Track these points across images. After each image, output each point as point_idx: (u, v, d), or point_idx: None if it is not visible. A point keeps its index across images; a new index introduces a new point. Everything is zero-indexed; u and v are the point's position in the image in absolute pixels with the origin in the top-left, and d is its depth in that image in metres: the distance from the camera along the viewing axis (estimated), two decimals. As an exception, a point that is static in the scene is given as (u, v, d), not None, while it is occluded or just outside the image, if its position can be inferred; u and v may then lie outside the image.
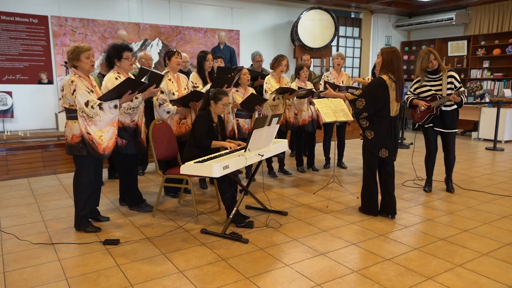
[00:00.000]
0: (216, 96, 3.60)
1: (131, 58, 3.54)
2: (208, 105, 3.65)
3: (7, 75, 6.35)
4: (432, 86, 4.20)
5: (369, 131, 3.50)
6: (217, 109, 3.62)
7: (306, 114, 5.11)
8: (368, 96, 3.43)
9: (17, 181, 5.03)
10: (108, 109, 3.06)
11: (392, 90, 3.39)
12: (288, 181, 5.00)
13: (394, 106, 3.44)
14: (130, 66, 3.57)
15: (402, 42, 11.43)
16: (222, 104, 3.60)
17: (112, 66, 3.53)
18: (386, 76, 3.40)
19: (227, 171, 2.89)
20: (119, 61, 3.50)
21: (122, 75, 3.54)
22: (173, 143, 3.83)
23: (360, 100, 3.45)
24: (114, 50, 3.45)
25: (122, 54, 3.47)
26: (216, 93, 3.62)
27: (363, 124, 3.53)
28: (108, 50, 3.48)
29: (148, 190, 4.61)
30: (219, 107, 3.60)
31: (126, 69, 3.57)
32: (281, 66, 4.88)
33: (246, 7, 8.62)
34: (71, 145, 3.11)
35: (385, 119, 3.44)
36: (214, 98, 3.60)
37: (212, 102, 3.61)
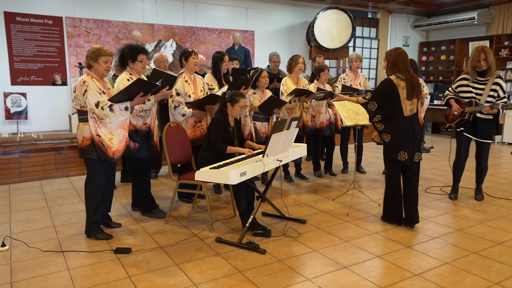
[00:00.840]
0: (233, 98, 3.45)
1: (145, 62, 3.42)
2: (224, 108, 3.50)
3: (21, 77, 6.33)
4: (475, 88, 3.94)
5: (385, 133, 3.32)
6: (234, 112, 3.47)
7: (324, 116, 4.92)
8: (377, 98, 3.31)
9: (30, 183, 4.96)
10: (119, 111, 2.93)
11: (402, 89, 3.23)
12: (305, 186, 4.81)
13: (407, 105, 3.26)
14: (143, 69, 3.45)
15: (420, 42, 11.13)
16: (239, 106, 3.44)
17: (124, 66, 3.41)
18: (394, 76, 3.28)
19: (244, 177, 2.73)
20: (133, 63, 3.38)
21: (134, 77, 3.42)
22: (187, 147, 3.69)
23: (371, 103, 3.33)
24: (129, 50, 3.33)
25: (137, 56, 3.35)
26: (233, 95, 3.47)
27: (379, 127, 3.36)
28: (123, 50, 3.36)
29: (161, 194, 4.48)
30: (236, 110, 3.45)
31: (139, 72, 3.45)
32: (298, 64, 4.70)
33: (261, 7, 8.48)
34: (82, 148, 3.00)
35: (400, 119, 3.26)
36: (231, 101, 3.45)
37: (229, 105, 3.46)
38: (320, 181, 5.03)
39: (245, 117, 4.45)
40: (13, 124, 6.33)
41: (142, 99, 3.06)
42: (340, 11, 8.08)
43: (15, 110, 6.28)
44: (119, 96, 2.96)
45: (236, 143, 3.54)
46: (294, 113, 4.74)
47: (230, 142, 3.46)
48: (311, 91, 4.58)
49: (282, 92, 4.73)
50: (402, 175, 3.42)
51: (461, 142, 4.09)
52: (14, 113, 6.27)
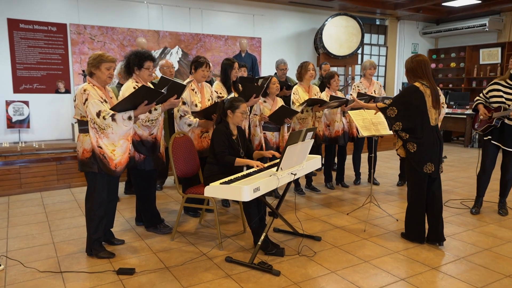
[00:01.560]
0: (232, 105, 3.27)
1: (152, 69, 3.24)
2: (224, 116, 3.31)
3: (24, 84, 6.18)
4: (506, 93, 3.73)
5: (411, 143, 3.09)
6: (235, 119, 3.28)
7: (339, 125, 4.72)
8: (399, 104, 3.08)
9: (30, 195, 4.78)
10: (122, 121, 2.75)
11: (428, 97, 3.03)
12: (317, 199, 4.59)
13: (433, 114, 3.06)
14: (149, 77, 3.27)
15: (429, 49, 10.95)
16: (240, 112, 3.26)
17: (130, 74, 3.24)
18: (419, 83, 3.06)
19: (257, 194, 2.52)
20: (139, 70, 3.21)
21: (140, 85, 3.24)
22: (194, 159, 3.49)
23: (391, 108, 3.09)
24: (136, 57, 3.16)
25: (143, 63, 3.17)
26: (232, 101, 3.31)
27: (404, 136, 3.13)
28: (129, 56, 3.19)
29: (166, 207, 4.28)
30: (237, 116, 3.26)
31: (145, 80, 3.28)
32: (309, 71, 4.51)
33: (268, 14, 8.33)
34: (82, 161, 2.81)
35: (427, 129, 3.05)
36: (230, 107, 3.28)
37: (229, 112, 3.28)
38: (332, 194, 4.81)
39: (255, 127, 4.25)
40: (15, 133, 6.18)
41: (146, 108, 2.87)
42: (349, 17, 7.92)
43: (17, 119, 6.13)
44: (122, 104, 2.78)
45: (242, 152, 3.34)
46: (306, 124, 4.54)
47: (236, 153, 3.26)
48: (325, 100, 4.37)
49: (293, 101, 4.53)
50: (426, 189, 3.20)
51: (488, 152, 3.86)
52: (16, 121, 6.12)
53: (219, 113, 3.32)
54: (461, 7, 9.04)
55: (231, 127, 3.30)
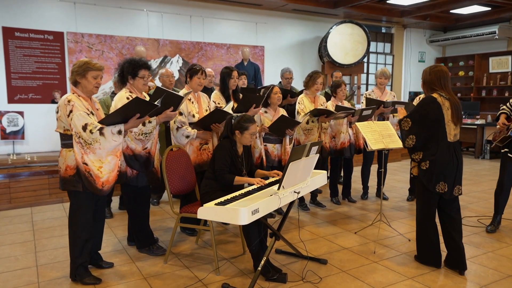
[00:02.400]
0: (241, 125, 3.00)
1: (147, 78, 3.02)
2: (231, 135, 3.06)
3: (19, 94, 5.99)
4: None
5: (425, 161, 2.82)
6: (243, 140, 3.03)
7: (345, 136, 4.46)
8: (414, 116, 2.81)
9: (20, 211, 4.54)
10: (111, 135, 2.51)
11: (447, 109, 2.75)
12: (322, 215, 4.31)
13: (451, 128, 2.78)
14: (144, 86, 3.05)
15: (436, 58, 10.69)
16: (250, 134, 3.00)
17: (124, 83, 3.02)
18: (436, 94, 2.79)
19: (256, 216, 2.26)
20: (133, 79, 2.99)
21: (134, 95, 3.02)
22: (190, 175, 3.24)
23: (405, 120, 2.83)
24: (130, 65, 2.94)
25: (137, 72, 2.96)
26: (241, 121, 3.02)
27: (416, 159, 2.85)
28: (123, 65, 2.97)
29: (162, 224, 4.02)
30: (245, 138, 3.01)
31: (140, 89, 3.05)
32: (316, 85, 4.27)
33: (271, 22, 8.14)
34: (65, 179, 2.56)
35: (442, 145, 2.76)
36: (239, 128, 3.01)
37: (237, 133, 3.02)
38: (338, 209, 4.53)
39: (255, 139, 4.00)
40: (9, 145, 5.96)
41: (138, 121, 2.64)
42: (355, 25, 7.70)
43: (12, 130, 5.92)
44: (111, 117, 2.55)
45: (245, 172, 3.09)
46: (312, 135, 4.28)
47: (238, 172, 3.01)
48: (331, 110, 4.12)
49: (298, 111, 4.29)
50: (440, 210, 2.92)
51: (505, 166, 3.59)
52: (10, 132, 5.91)
53: (227, 129, 3.07)
54: (470, 14, 8.81)
55: (237, 145, 3.05)
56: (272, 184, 2.84)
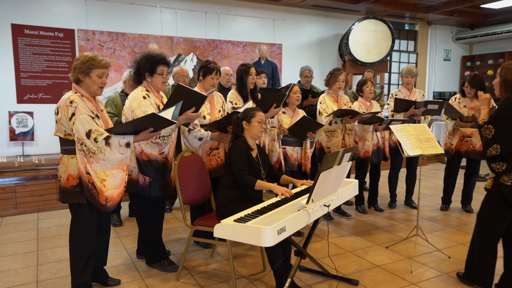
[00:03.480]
0: (247, 114, 2.75)
1: (166, 75, 2.73)
2: (240, 131, 2.75)
3: (28, 94, 5.79)
4: None
5: (508, 175, 2.36)
6: (253, 130, 2.72)
7: (369, 144, 4.08)
8: (497, 122, 2.34)
9: (26, 216, 4.30)
10: (117, 147, 2.21)
11: None
12: (348, 226, 3.95)
13: None
14: (163, 85, 2.76)
15: (463, 56, 10.16)
16: (257, 121, 2.71)
17: (140, 81, 2.74)
18: None
19: (283, 236, 1.93)
20: (151, 76, 2.70)
21: (152, 94, 2.73)
22: (205, 183, 2.92)
23: (486, 127, 2.36)
24: (147, 61, 2.66)
25: (155, 68, 2.67)
26: (245, 111, 2.79)
27: (498, 169, 2.38)
28: (139, 61, 2.69)
29: (174, 235, 3.71)
30: (254, 127, 2.71)
31: (158, 88, 2.76)
32: (338, 82, 3.91)
33: (289, 18, 7.79)
34: (66, 190, 2.27)
35: None
36: (245, 118, 2.75)
37: (245, 124, 2.74)
38: (364, 219, 4.16)
39: (273, 141, 3.67)
40: (18, 146, 5.77)
41: (150, 135, 2.35)
42: (379, 21, 7.29)
43: (21, 131, 5.72)
44: (121, 127, 2.26)
45: (263, 173, 2.76)
46: (335, 137, 3.92)
47: (256, 173, 2.69)
48: (357, 111, 3.75)
49: (320, 111, 3.93)
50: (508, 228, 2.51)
51: None
52: (19, 133, 5.71)
53: (234, 127, 2.77)
54: (501, 9, 8.28)
55: (249, 142, 2.73)
56: (300, 194, 2.50)
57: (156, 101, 2.77)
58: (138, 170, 2.71)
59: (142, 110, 2.62)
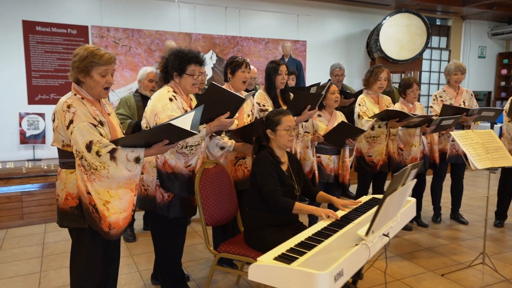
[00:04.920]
0: (271, 121, 2.29)
1: (197, 76, 2.31)
2: (265, 140, 2.30)
3: (40, 95, 5.48)
4: None
5: None
6: (280, 140, 2.26)
7: (417, 150, 3.57)
8: None
9: (32, 228, 3.95)
10: (124, 162, 1.80)
11: None
12: (392, 245, 3.45)
13: None
14: (192, 88, 2.34)
15: (499, 53, 9.47)
16: (284, 128, 2.24)
17: (168, 80, 2.33)
18: None
19: (341, 282, 1.46)
20: (179, 77, 2.30)
21: (179, 97, 2.31)
22: (231, 200, 2.48)
23: None
24: (176, 58, 2.25)
25: (186, 67, 2.26)
26: (269, 116, 2.32)
27: None
28: (168, 57, 2.29)
29: (194, 254, 3.29)
30: (281, 136, 2.25)
31: (187, 90, 2.35)
32: (379, 81, 3.42)
33: (314, 14, 7.30)
34: (64, 212, 1.86)
35: None
36: (269, 125, 2.29)
37: (269, 132, 2.29)
38: (408, 237, 3.65)
39: (306, 149, 3.20)
40: (29, 149, 5.46)
41: (165, 149, 1.92)
42: (412, 14, 6.73)
43: (32, 133, 5.42)
44: (130, 139, 1.84)
45: (298, 189, 2.30)
46: (378, 143, 3.43)
47: (289, 191, 2.23)
48: (406, 113, 3.25)
49: (359, 114, 3.45)
50: None
51: None
52: (30, 136, 5.41)
53: (258, 136, 2.32)
54: (545, 1, 7.61)
55: (277, 153, 2.28)
56: (349, 218, 2.03)
57: (183, 105, 2.35)
58: (156, 185, 2.29)
59: (167, 115, 2.20)
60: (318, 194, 2.38)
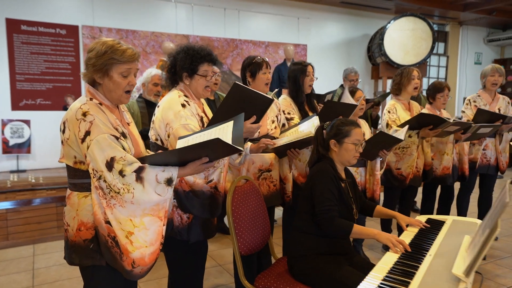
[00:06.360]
0: (338, 131, 1.96)
1: (210, 77, 1.98)
2: (325, 150, 1.98)
3: (25, 100, 5.01)
4: None
5: None
6: (345, 155, 1.95)
7: (449, 159, 3.31)
8: None
9: (19, 250, 3.49)
10: (154, 184, 1.45)
11: None
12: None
13: None
14: (205, 91, 2.01)
15: (494, 60, 9.45)
16: (353, 142, 1.93)
17: (176, 82, 1.99)
18: None
19: None
20: (190, 78, 1.96)
21: (192, 101, 1.96)
22: (265, 222, 2.13)
23: None
24: (186, 57, 1.91)
25: (197, 67, 1.93)
26: (338, 124, 1.98)
27: None
28: (176, 56, 1.95)
29: (207, 281, 2.91)
30: (348, 150, 1.94)
31: (198, 94, 2.01)
32: (413, 80, 3.15)
33: (314, 17, 7.05)
34: (75, 246, 1.50)
35: None
36: (335, 135, 1.96)
37: (333, 143, 1.96)
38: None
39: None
40: (12, 160, 4.97)
41: (202, 168, 1.56)
42: (418, 18, 6.55)
43: (15, 142, 4.93)
44: (161, 156, 1.48)
45: (356, 211, 1.98)
46: (408, 154, 3.14)
47: (348, 213, 1.91)
48: (444, 118, 2.96)
49: (388, 123, 3.15)
50: None
51: None
52: (13, 145, 4.92)
53: (318, 144, 1.99)
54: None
55: (337, 167, 1.95)
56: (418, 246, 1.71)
57: (197, 110, 2.01)
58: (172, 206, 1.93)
59: (182, 124, 1.86)
60: (376, 208, 2.07)
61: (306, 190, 1.91)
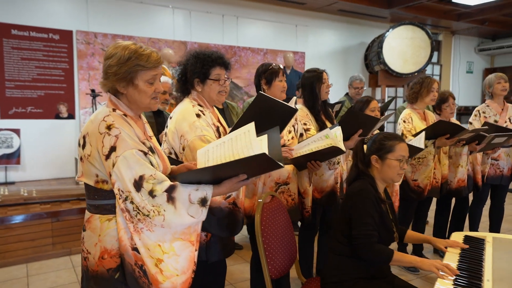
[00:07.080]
0: (381, 146, 1.81)
1: (223, 81, 1.84)
2: (366, 166, 1.83)
3: (15, 108, 4.76)
4: None
5: None
6: (388, 171, 1.80)
7: (464, 171, 3.22)
8: None
9: (11, 271, 3.24)
10: (186, 204, 1.29)
11: None
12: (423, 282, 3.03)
13: None
14: (219, 96, 1.87)
15: (485, 69, 9.57)
16: (397, 158, 1.78)
17: (188, 90, 1.84)
18: None
19: None
20: (202, 84, 1.83)
21: (207, 110, 1.82)
22: (292, 241, 1.98)
23: None
24: (197, 62, 1.79)
25: (209, 71, 1.80)
26: (379, 139, 1.83)
27: None
28: (186, 62, 1.83)
29: None
30: (391, 168, 1.79)
31: (212, 100, 1.87)
32: (432, 92, 3.07)
33: (312, 24, 6.99)
34: (97, 276, 1.32)
35: None
36: (378, 150, 1.81)
37: (375, 160, 1.81)
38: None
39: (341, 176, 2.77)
40: (0, 171, 4.70)
41: (239, 185, 1.38)
42: (416, 27, 6.56)
43: (4, 152, 4.67)
44: (194, 174, 1.32)
45: (397, 236, 1.85)
46: (424, 165, 3.04)
47: (388, 237, 1.78)
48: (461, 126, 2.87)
49: (403, 132, 3.05)
50: None
51: None
52: (2, 156, 4.66)
53: (357, 160, 1.85)
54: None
55: (379, 187, 1.81)
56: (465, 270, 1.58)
57: (213, 120, 1.87)
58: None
59: (198, 135, 1.73)
60: (407, 233, 1.93)
61: (344, 211, 1.77)
